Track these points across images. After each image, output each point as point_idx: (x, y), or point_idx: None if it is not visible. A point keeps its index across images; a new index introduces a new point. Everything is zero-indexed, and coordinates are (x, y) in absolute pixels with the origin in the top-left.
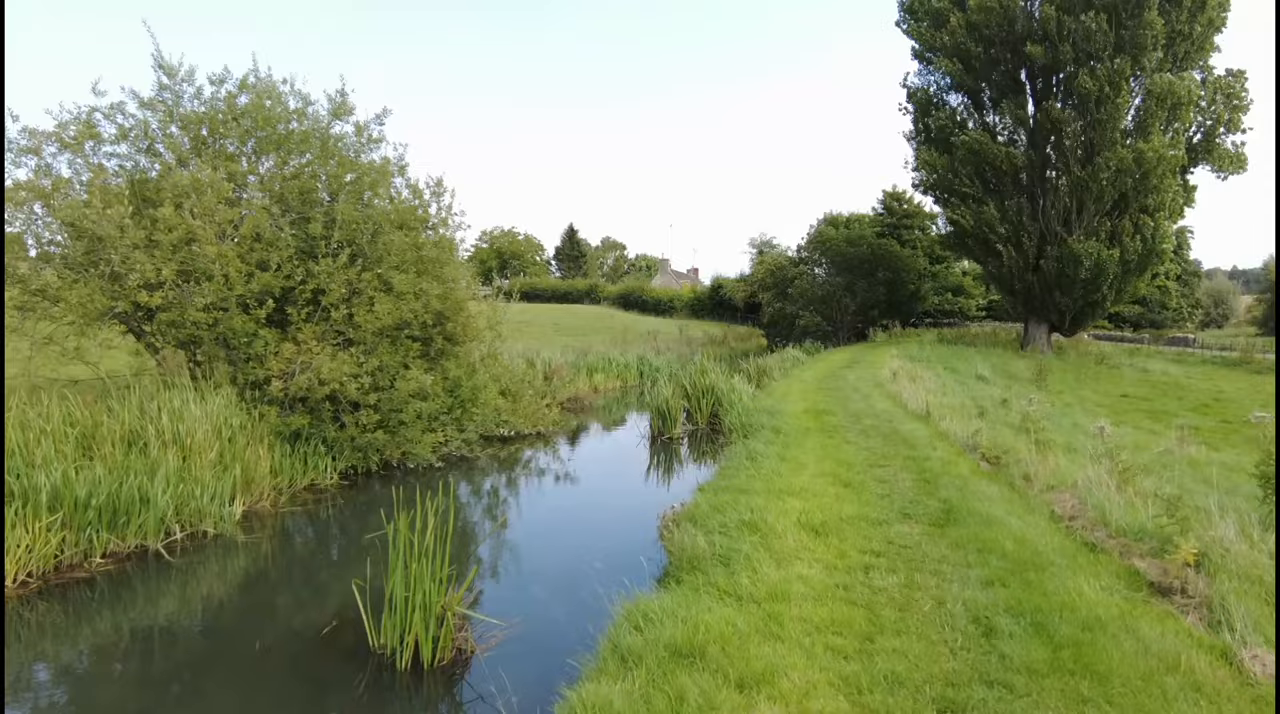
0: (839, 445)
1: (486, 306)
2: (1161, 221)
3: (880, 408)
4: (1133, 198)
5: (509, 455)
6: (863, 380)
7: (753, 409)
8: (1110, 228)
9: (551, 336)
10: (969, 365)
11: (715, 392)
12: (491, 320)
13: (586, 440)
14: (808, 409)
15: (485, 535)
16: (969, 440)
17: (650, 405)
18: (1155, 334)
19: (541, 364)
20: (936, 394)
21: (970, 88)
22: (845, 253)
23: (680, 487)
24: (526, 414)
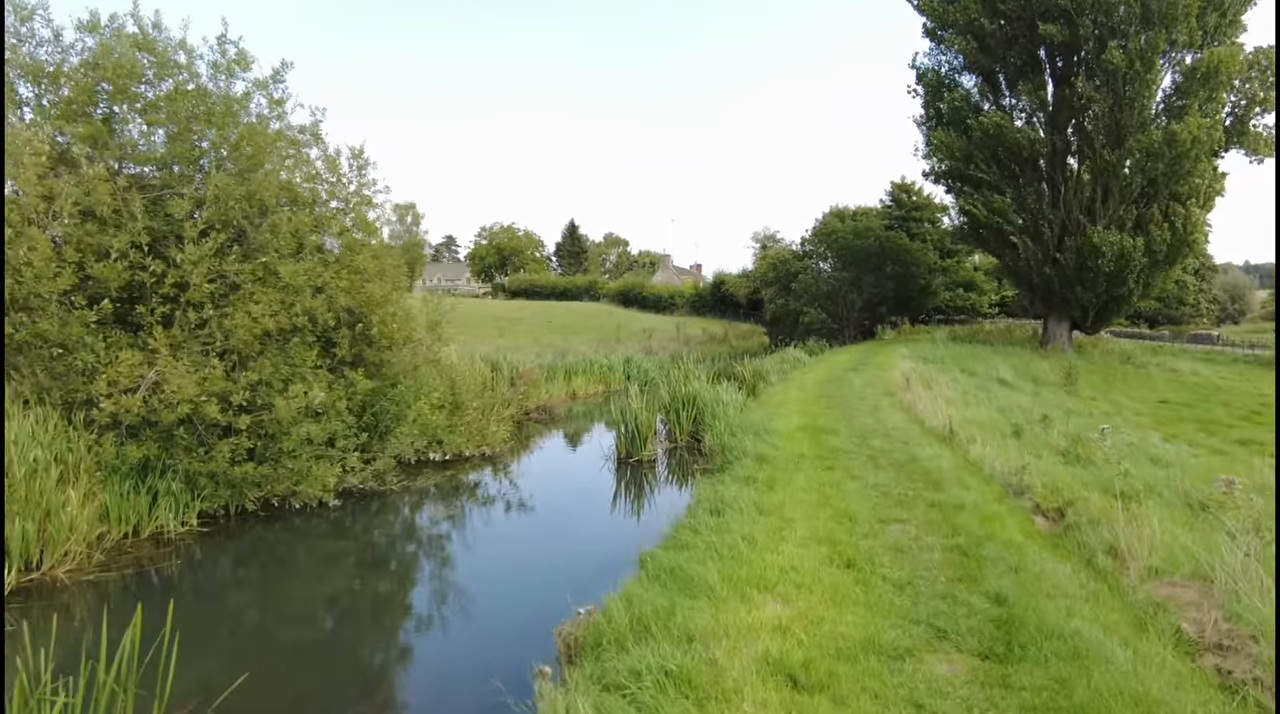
0: (839, 483)
1: (419, 301)
2: (1193, 209)
3: (892, 424)
4: (1162, 184)
5: (437, 486)
6: (870, 386)
7: (739, 425)
8: (1137, 217)
9: (541, 335)
10: (988, 367)
11: (698, 402)
12: (431, 320)
13: (539, 464)
14: (804, 425)
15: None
16: (1012, 478)
17: (616, 422)
18: (1175, 331)
19: (509, 367)
20: (957, 405)
21: (985, 68)
22: (852, 246)
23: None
24: (469, 433)
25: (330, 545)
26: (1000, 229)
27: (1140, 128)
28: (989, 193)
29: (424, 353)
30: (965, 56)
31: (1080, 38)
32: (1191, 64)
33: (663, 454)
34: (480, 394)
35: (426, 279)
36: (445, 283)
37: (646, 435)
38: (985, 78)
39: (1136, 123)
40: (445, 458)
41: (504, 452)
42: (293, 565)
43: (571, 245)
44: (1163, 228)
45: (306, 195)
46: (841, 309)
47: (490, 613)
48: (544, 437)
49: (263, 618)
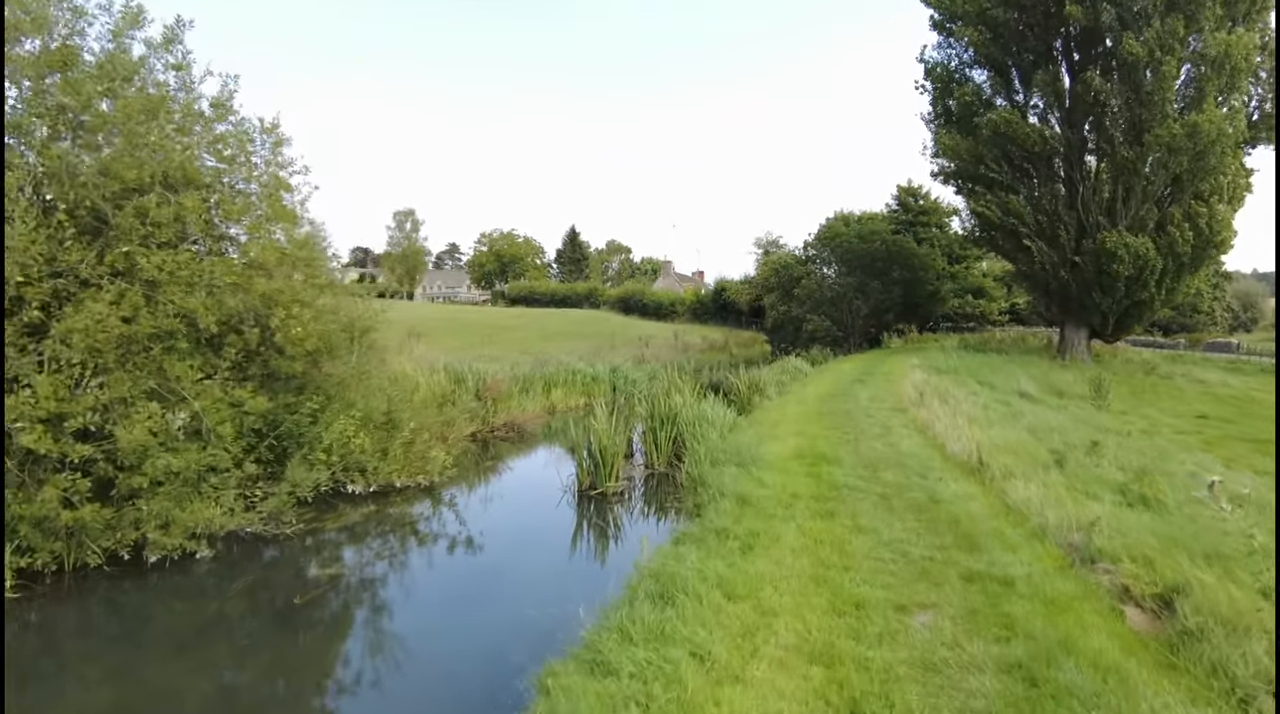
0: (842, 541)
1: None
2: (1216, 206)
3: (906, 448)
4: (1187, 181)
5: (352, 528)
6: (878, 401)
7: (724, 450)
8: (1159, 217)
9: (531, 343)
10: (1007, 379)
11: (678, 421)
12: (361, 323)
13: (483, 498)
14: (801, 451)
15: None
16: (1073, 535)
17: (577, 446)
18: (1191, 339)
19: (474, 378)
20: (980, 423)
21: (997, 60)
22: (857, 250)
23: (567, 620)
24: (405, 459)
25: (192, 612)
26: (1014, 232)
27: (1161, 121)
28: (1001, 193)
29: (354, 363)
30: (976, 49)
31: (1100, 25)
32: (1201, 50)
33: (638, 481)
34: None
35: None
36: (446, 290)
37: (613, 463)
38: (997, 71)
39: (1157, 116)
40: (371, 490)
41: (447, 481)
42: (134, 642)
43: (572, 252)
44: (1184, 229)
45: (206, 176)
46: (846, 316)
47: None
48: (504, 460)
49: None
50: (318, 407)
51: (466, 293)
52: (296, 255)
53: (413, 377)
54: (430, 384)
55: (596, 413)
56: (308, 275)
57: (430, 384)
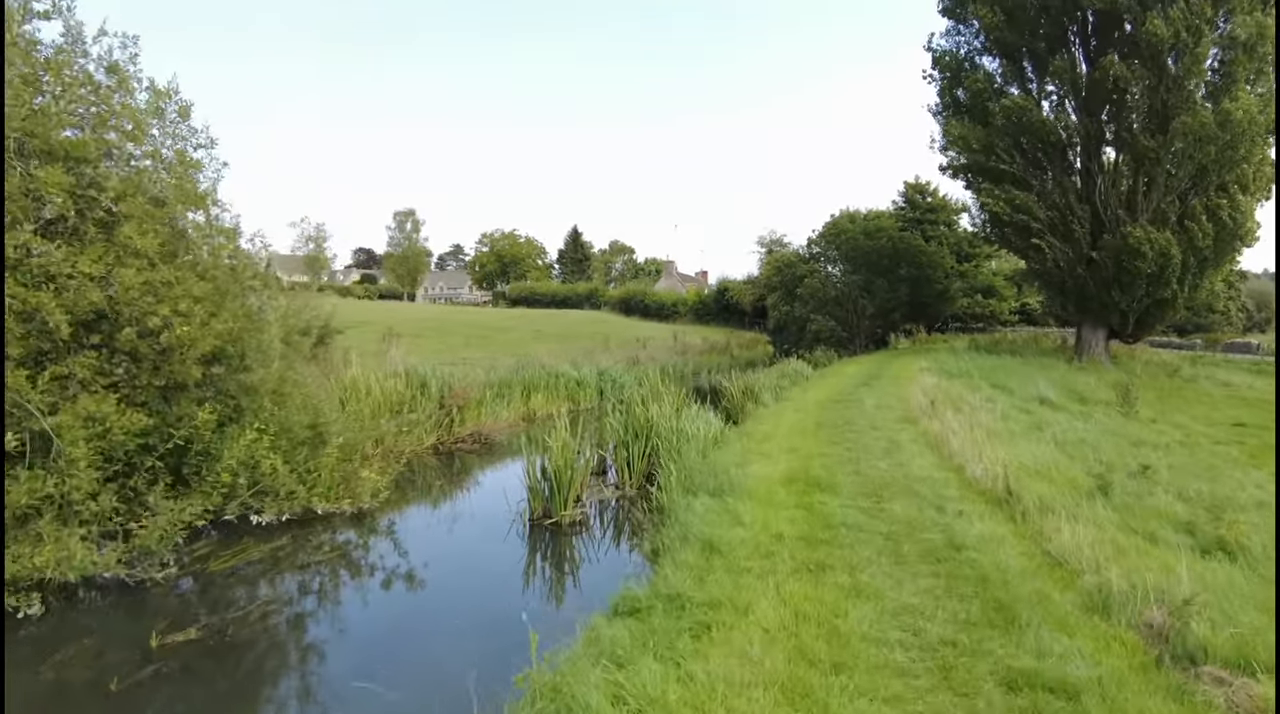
0: (834, 616)
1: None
2: (1238, 197)
3: (917, 470)
4: (1212, 172)
5: (246, 570)
6: (885, 409)
7: (703, 471)
8: (1182, 210)
9: (522, 345)
10: (1024, 383)
11: (653, 435)
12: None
13: (418, 529)
14: (792, 474)
15: None
16: (1158, 618)
17: (529, 469)
18: (1208, 339)
19: (438, 384)
20: (1001, 437)
21: (1010, 45)
22: (862, 247)
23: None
24: (328, 482)
25: (26, 682)
26: (1026, 227)
27: (1188, 109)
28: (1012, 187)
29: (277, 369)
30: (988, 32)
31: (1119, 6)
32: (1230, 33)
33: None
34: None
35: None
36: (448, 291)
37: (570, 487)
38: (1009, 57)
39: (1184, 103)
40: (284, 519)
41: (385, 504)
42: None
43: (574, 252)
44: (1203, 222)
45: (83, 145)
46: (851, 316)
47: None
48: (460, 477)
49: None
50: (216, 421)
51: (468, 294)
52: (199, 243)
53: (361, 383)
54: (385, 391)
55: (558, 426)
56: (207, 267)
57: (385, 391)
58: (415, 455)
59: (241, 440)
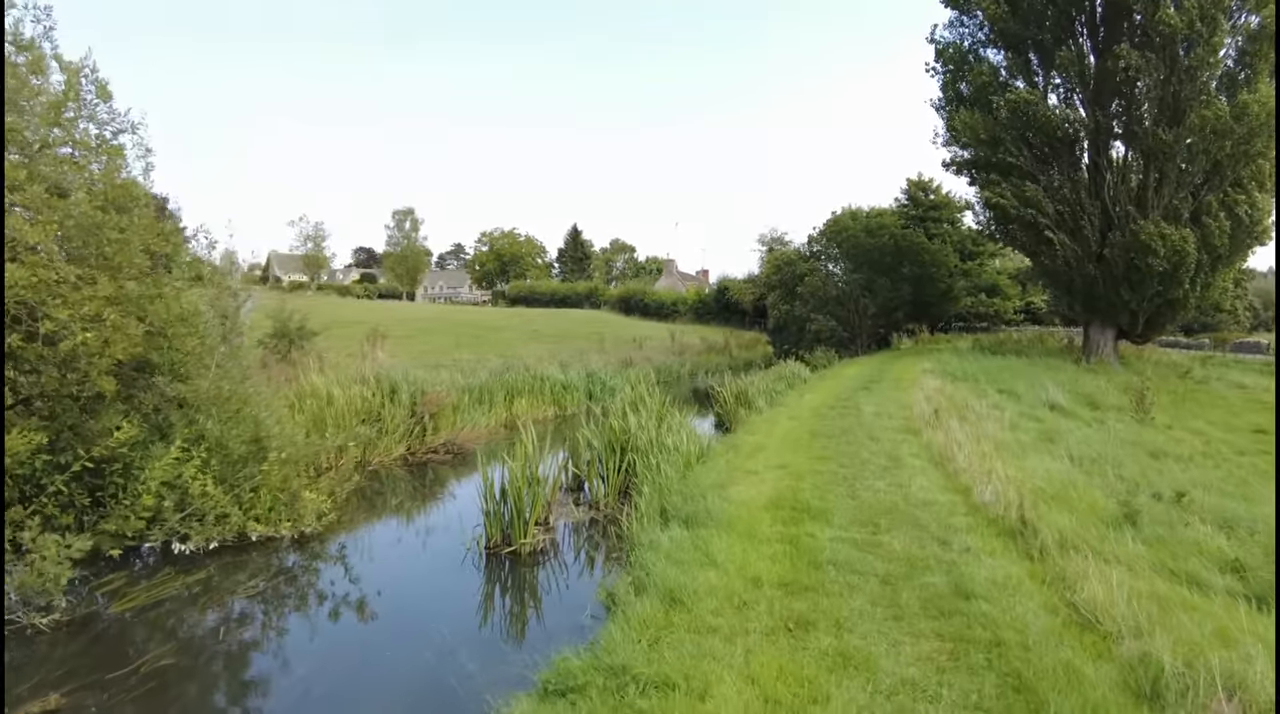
0: (814, 698)
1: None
2: (1255, 193)
3: (919, 493)
4: (1227, 167)
5: (151, 608)
6: (885, 417)
7: (680, 492)
8: (1195, 206)
9: (514, 345)
10: (1031, 386)
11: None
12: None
13: (363, 554)
14: (778, 497)
15: None
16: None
17: (485, 490)
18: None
19: (410, 389)
20: (1010, 450)
21: (1015, 36)
22: (864, 245)
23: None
24: (268, 503)
25: None
26: (1033, 223)
27: (1204, 101)
28: (1019, 181)
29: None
30: (992, 23)
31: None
32: (1258, 25)
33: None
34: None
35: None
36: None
37: (534, 509)
38: (1014, 49)
39: (1198, 94)
40: (212, 547)
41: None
42: None
43: (574, 251)
44: (1219, 218)
45: None
46: (852, 315)
47: None
48: (420, 495)
49: None
50: (141, 436)
51: (469, 293)
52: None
53: (323, 390)
54: (349, 399)
55: (523, 439)
56: (124, 258)
57: (349, 399)
58: (383, 467)
59: (165, 459)
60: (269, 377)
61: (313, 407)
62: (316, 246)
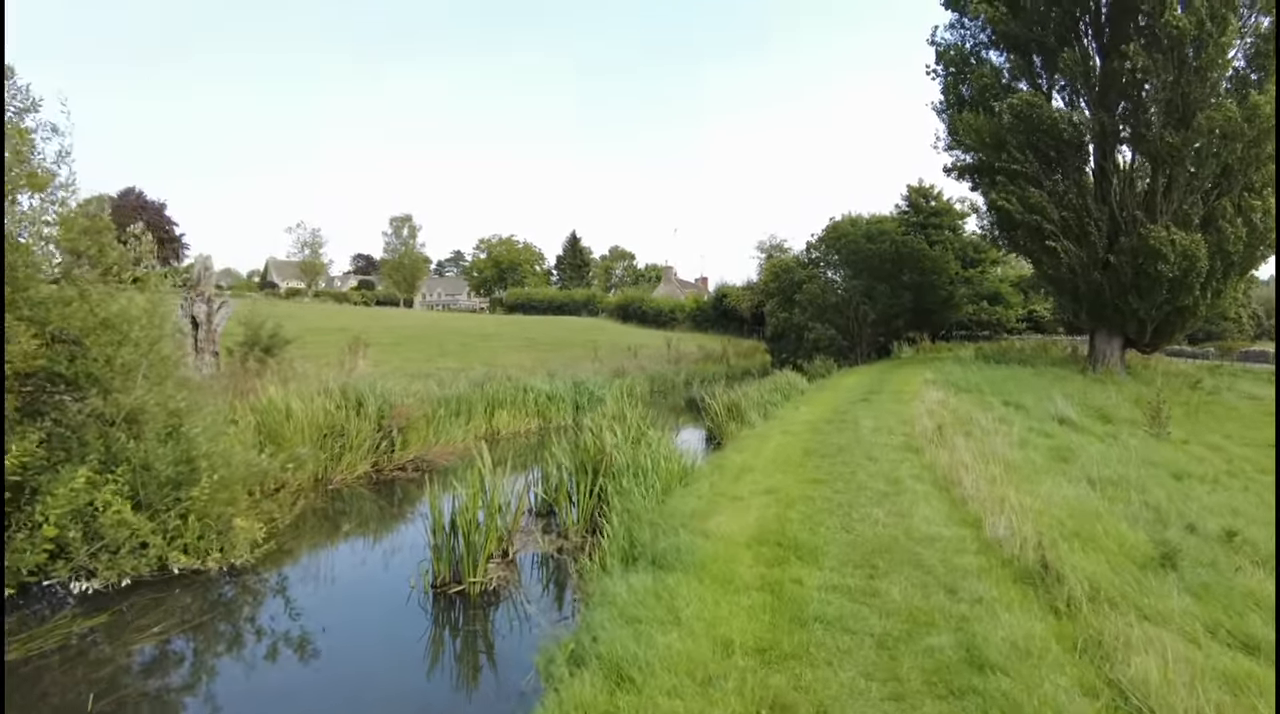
0: None
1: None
2: (1270, 198)
3: (924, 527)
4: (1238, 171)
5: (43, 660)
6: (885, 432)
7: (656, 522)
8: (1205, 211)
9: (503, 353)
10: (1039, 398)
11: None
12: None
13: (297, 591)
14: (763, 530)
15: None
16: None
17: (433, 520)
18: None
19: (377, 401)
20: (1023, 472)
21: (1017, 38)
22: (864, 251)
23: None
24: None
25: None
26: (1038, 229)
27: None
28: (1024, 186)
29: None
30: (994, 26)
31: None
32: (1269, 25)
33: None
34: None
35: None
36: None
37: (489, 542)
38: (1018, 51)
39: (1208, 95)
40: (124, 584)
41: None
42: None
43: (573, 258)
44: (1236, 224)
45: None
46: (852, 323)
47: None
48: (377, 517)
49: None
50: (45, 458)
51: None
52: None
53: (280, 404)
54: (310, 412)
55: (479, 460)
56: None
57: (310, 412)
58: (346, 486)
59: (71, 483)
60: (228, 387)
61: (270, 421)
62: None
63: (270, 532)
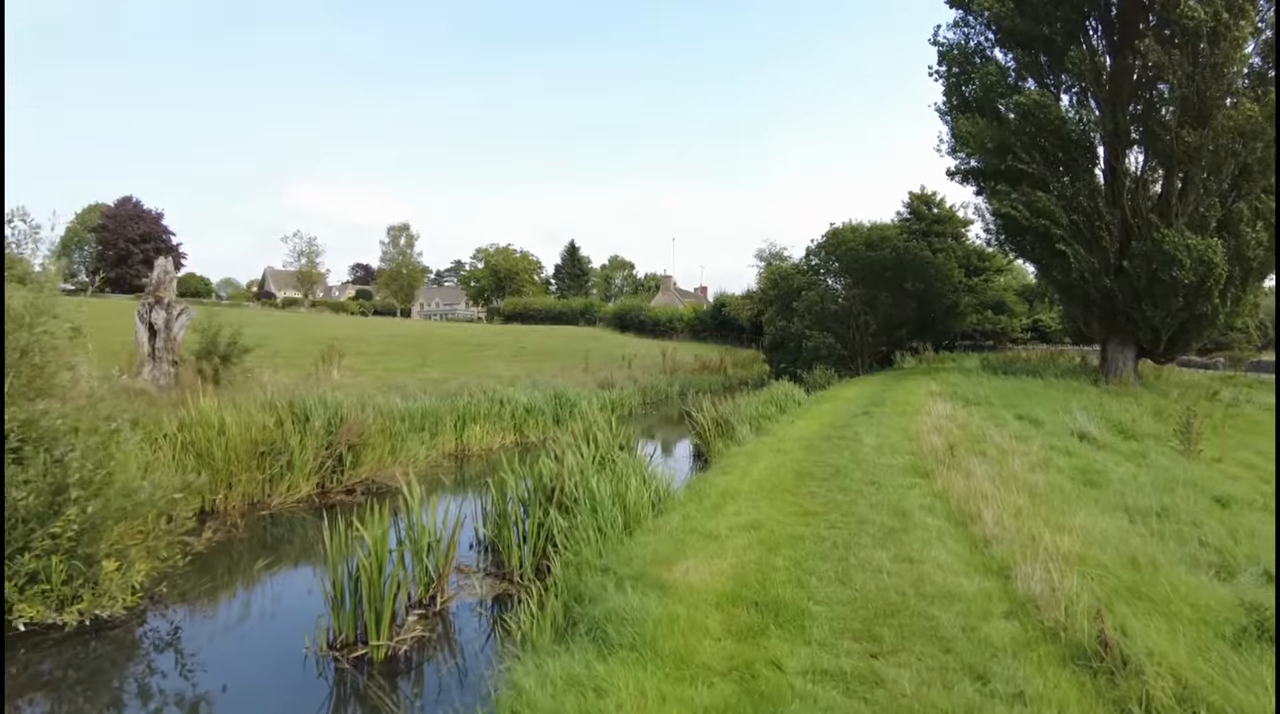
0: None
1: None
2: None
3: (939, 579)
4: (1258, 173)
5: None
6: (889, 452)
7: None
8: (1223, 214)
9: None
10: (1053, 411)
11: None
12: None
13: (181, 645)
14: (741, 584)
15: None
16: None
17: (331, 573)
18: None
19: (325, 414)
20: (1049, 501)
21: (1024, 35)
22: (865, 258)
23: None
24: (62, 574)
25: None
26: (1046, 234)
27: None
28: (1031, 189)
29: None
30: (999, 22)
31: None
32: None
33: (483, 609)
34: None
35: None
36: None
37: (394, 597)
38: (1023, 47)
39: (1225, 92)
40: None
41: (162, 601)
42: None
43: (571, 267)
44: (1256, 228)
45: None
46: (853, 333)
47: None
48: (304, 551)
49: None
50: None
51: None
52: None
53: (213, 419)
54: (244, 426)
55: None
56: None
57: (244, 426)
58: (285, 510)
59: None
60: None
61: (200, 438)
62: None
63: (163, 572)
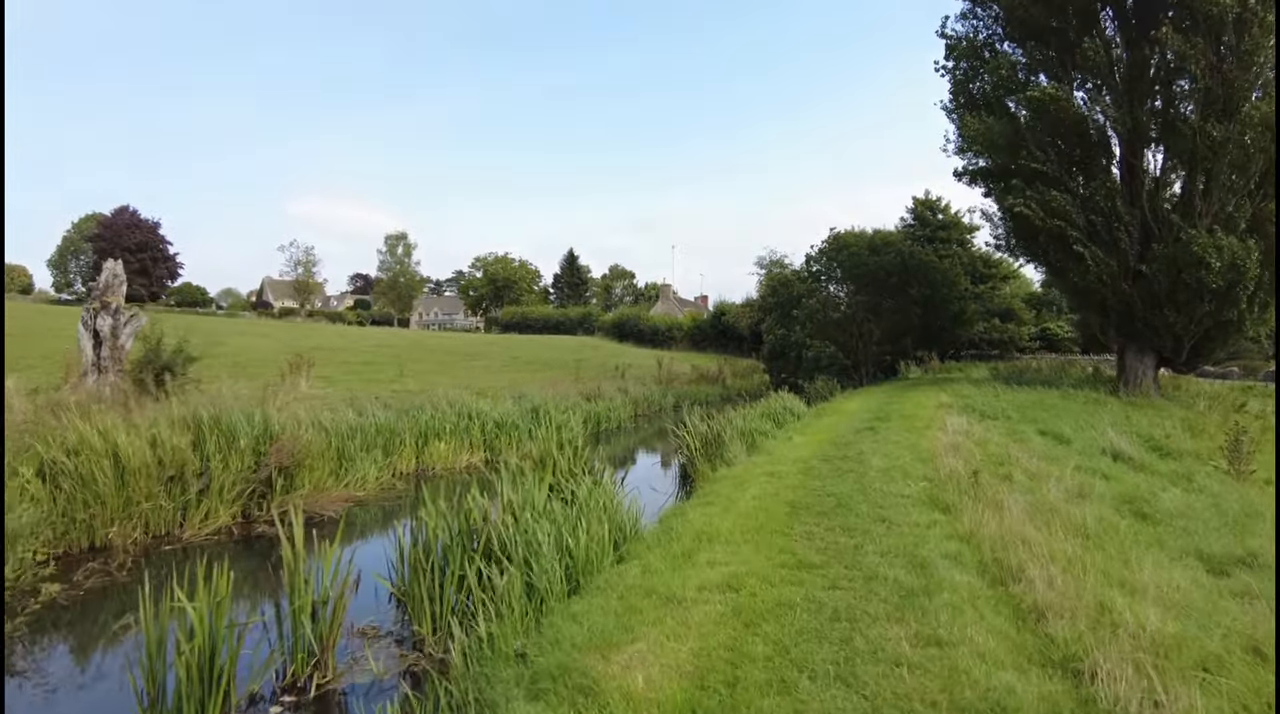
0: None
1: None
2: None
3: (978, 675)
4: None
5: None
6: (900, 476)
7: (523, 658)
8: (1252, 213)
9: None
10: (1078, 426)
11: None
12: None
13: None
14: (699, 689)
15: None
16: None
17: (146, 631)
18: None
19: (254, 432)
20: (1108, 548)
21: (1036, 26)
22: (868, 263)
23: None
24: None
25: None
26: (1061, 236)
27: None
28: (1044, 189)
29: None
30: (1011, 12)
31: None
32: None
33: (382, 686)
34: (168, 489)
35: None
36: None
37: (223, 681)
38: (1036, 39)
39: (1253, 84)
40: None
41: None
42: None
43: (570, 276)
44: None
45: None
46: (855, 341)
47: None
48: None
49: None
50: None
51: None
52: None
53: (96, 443)
54: (140, 449)
55: (295, 529)
56: None
57: (140, 449)
58: (196, 543)
59: None
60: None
61: (85, 463)
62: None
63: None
